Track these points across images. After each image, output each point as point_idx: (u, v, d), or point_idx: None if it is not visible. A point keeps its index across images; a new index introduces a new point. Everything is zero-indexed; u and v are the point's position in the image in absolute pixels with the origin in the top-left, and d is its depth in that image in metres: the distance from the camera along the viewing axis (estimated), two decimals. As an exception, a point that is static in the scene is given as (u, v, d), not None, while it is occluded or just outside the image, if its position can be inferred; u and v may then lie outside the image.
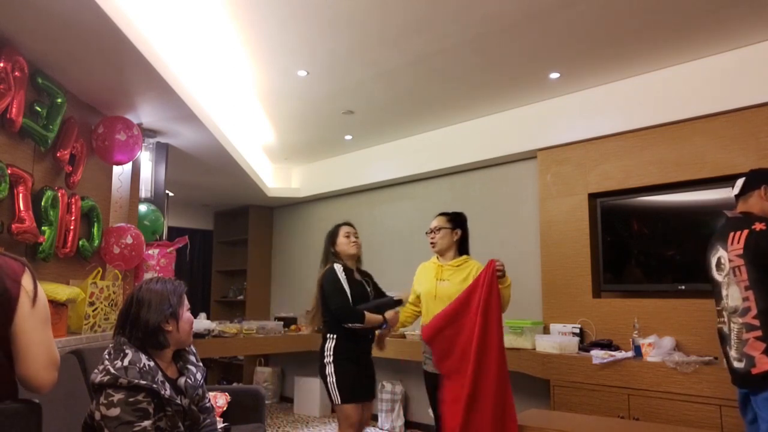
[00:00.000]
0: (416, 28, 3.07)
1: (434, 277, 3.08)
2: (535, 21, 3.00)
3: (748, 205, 2.38)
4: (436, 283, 3.06)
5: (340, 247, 3.09)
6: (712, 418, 2.90)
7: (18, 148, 2.62)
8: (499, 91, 4.05)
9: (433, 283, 3.07)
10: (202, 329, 4.78)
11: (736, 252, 2.24)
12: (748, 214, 2.34)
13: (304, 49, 3.35)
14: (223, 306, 7.32)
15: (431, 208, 3.74)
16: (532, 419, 2.68)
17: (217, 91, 4.02)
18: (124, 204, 3.72)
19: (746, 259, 2.19)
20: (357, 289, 2.99)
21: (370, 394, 3.01)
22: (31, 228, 2.55)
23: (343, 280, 2.94)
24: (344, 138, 5.22)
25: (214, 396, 3.27)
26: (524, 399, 4.18)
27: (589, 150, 3.96)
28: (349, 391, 2.86)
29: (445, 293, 2.98)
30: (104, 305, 3.06)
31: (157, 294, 1.81)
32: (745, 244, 2.20)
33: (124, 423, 1.60)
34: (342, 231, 3.13)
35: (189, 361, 1.92)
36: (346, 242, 3.09)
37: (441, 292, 3.01)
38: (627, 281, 3.74)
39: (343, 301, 2.90)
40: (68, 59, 2.72)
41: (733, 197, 2.48)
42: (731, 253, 2.26)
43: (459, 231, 3.14)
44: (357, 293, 2.97)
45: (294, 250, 6.68)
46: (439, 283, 3.05)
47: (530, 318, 4.12)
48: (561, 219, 4.07)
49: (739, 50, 3.29)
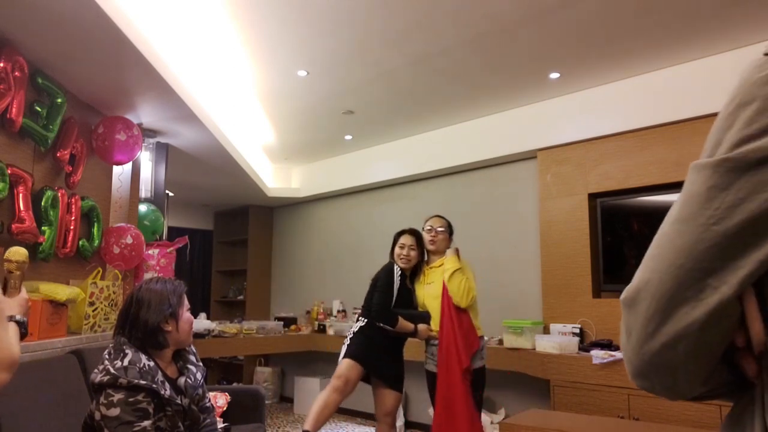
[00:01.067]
0: (416, 28, 3.07)
1: (422, 282, 3.19)
2: (535, 21, 3.00)
3: None
4: (423, 289, 3.16)
5: (395, 255, 3.15)
6: (712, 418, 2.90)
7: (18, 148, 2.62)
8: (499, 91, 4.05)
9: (421, 290, 3.17)
10: (202, 329, 4.78)
11: None
12: None
13: (304, 49, 3.35)
14: (223, 306, 7.32)
15: (431, 208, 3.75)
16: (532, 419, 2.68)
17: (217, 91, 4.02)
18: (124, 204, 3.72)
19: None
20: (405, 296, 3.07)
21: (376, 369, 3.02)
22: (31, 228, 2.55)
23: (396, 282, 3.03)
24: (344, 138, 5.22)
25: (214, 396, 3.27)
26: (524, 399, 4.18)
27: (589, 150, 3.96)
28: (352, 352, 2.97)
29: (432, 294, 3.07)
30: (104, 305, 3.06)
31: (156, 294, 1.81)
32: None
33: (124, 423, 1.60)
34: (399, 240, 3.16)
35: (189, 361, 1.92)
36: (398, 253, 3.14)
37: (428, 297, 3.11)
38: (627, 281, 3.64)
39: (385, 300, 2.98)
40: (68, 59, 2.72)
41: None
42: None
43: (451, 239, 3.20)
44: (403, 300, 3.05)
45: (294, 250, 6.67)
46: (426, 287, 3.14)
47: (530, 318, 4.12)
48: (561, 219, 4.07)
49: (739, 50, 3.30)
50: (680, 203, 0.50)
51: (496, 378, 4.34)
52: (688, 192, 0.49)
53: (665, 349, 0.48)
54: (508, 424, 2.60)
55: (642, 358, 0.50)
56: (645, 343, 0.49)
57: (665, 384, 0.51)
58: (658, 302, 0.48)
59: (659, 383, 0.51)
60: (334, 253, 6.04)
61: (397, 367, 3.11)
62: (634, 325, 0.50)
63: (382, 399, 3.04)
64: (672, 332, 0.47)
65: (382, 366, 3.05)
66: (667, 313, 0.47)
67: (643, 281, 0.50)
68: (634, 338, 0.51)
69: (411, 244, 3.11)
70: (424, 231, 3.19)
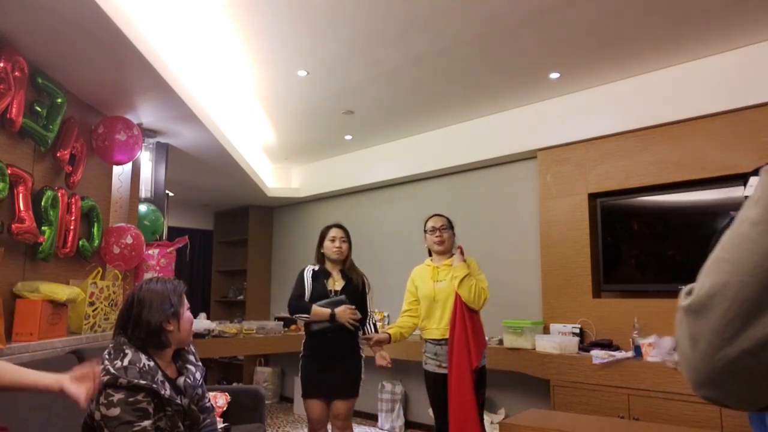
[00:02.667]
0: (416, 28, 3.07)
1: (431, 279, 3.10)
2: (535, 21, 3.00)
3: None
4: (433, 285, 3.08)
5: (326, 249, 3.18)
6: (712, 418, 2.90)
7: (18, 148, 2.62)
8: (499, 91, 4.05)
9: (431, 286, 3.09)
10: (202, 329, 4.78)
11: None
12: None
13: (304, 49, 3.35)
14: (223, 306, 7.32)
15: (431, 208, 3.74)
16: (532, 419, 2.68)
17: (217, 91, 4.02)
18: (124, 204, 3.72)
19: None
20: (321, 293, 3.09)
21: (322, 392, 3.00)
22: (31, 228, 2.54)
23: (306, 279, 3.14)
24: (344, 138, 5.22)
25: (214, 396, 3.27)
26: (524, 399, 4.18)
27: (589, 150, 3.96)
28: (303, 387, 3.06)
29: (443, 294, 3.02)
30: (104, 305, 3.06)
31: (157, 294, 1.81)
32: None
33: (124, 423, 1.60)
34: (329, 234, 3.20)
35: (188, 361, 1.92)
36: (329, 246, 3.17)
37: (439, 293, 3.05)
38: (627, 281, 3.74)
39: (295, 294, 3.11)
40: (68, 59, 2.72)
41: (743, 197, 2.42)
42: None
43: (453, 234, 3.19)
44: (320, 296, 3.08)
45: (294, 250, 6.67)
46: (436, 284, 3.07)
47: (530, 318, 4.12)
48: (561, 219, 4.07)
49: (739, 50, 3.29)
50: (762, 205, 0.48)
51: (497, 378, 4.34)
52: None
53: (746, 355, 0.46)
54: (508, 424, 2.60)
55: (714, 366, 0.48)
56: (719, 350, 0.47)
57: (741, 393, 0.48)
58: (740, 306, 0.46)
59: (734, 392, 0.49)
60: (334, 253, 6.04)
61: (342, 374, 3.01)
62: (704, 332, 0.48)
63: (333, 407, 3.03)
64: (755, 338, 0.45)
65: (327, 383, 3.00)
66: (750, 317, 0.45)
67: (719, 285, 0.48)
68: (703, 345, 0.48)
69: (342, 235, 3.18)
70: (427, 233, 3.16)
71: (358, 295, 3.15)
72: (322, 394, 3.01)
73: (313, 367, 3.04)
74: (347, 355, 3.05)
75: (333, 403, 3.01)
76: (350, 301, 3.06)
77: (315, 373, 3.03)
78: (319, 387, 3.01)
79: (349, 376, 3.03)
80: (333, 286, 3.13)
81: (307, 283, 3.13)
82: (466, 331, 2.87)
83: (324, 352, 3.03)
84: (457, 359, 2.85)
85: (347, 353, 3.05)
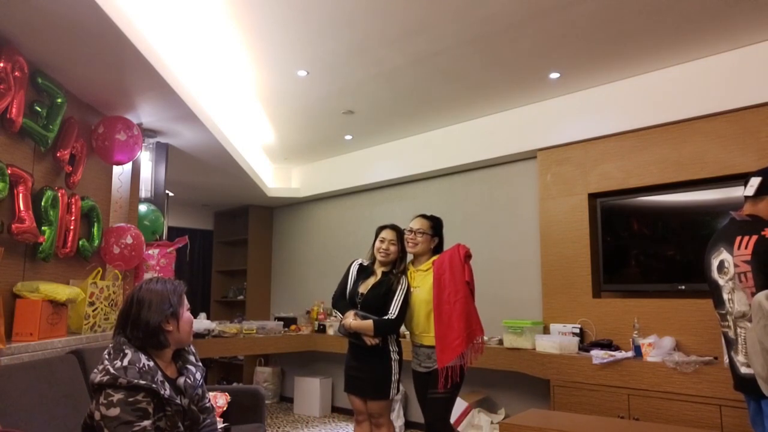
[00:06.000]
0: (416, 28, 3.08)
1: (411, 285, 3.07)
2: (535, 21, 3.00)
3: (758, 208, 2.27)
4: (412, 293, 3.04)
5: (375, 249, 3.14)
6: (712, 418, 2.90)
7: (18, 148, 2.63)
8: (499, 91, 4.05)
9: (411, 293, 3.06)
10: (202, 329, 4.78)
11: (742, 257, 2.16)
12: (756, 218, 2.25)
13: (304, 49, 3.35)
14: (223, 306, 7.32)
15: (431, 208, 3.74)
16: (532, 419, 2.68)
17: (217, 91, 4.02)
18: (124, 204, 3.72)
19: (754, 265, 2.12)
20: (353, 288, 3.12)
21: (354, 388, 3.03)
22: (31, 228, 2.55)
23: (351, 273, 3.16)
24: (344, 138, 5.22)
25: (214, 396, 3.27)
26: (524, 399, 4.19)
27: (589, 150, 3.96)
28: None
29: (419, 300, 3.01)
30: (104, 305, 3.06)
31: (157, 294, 1.81)
32: (754, 251, 2.12)
33: (124, 423, 1.60)
34: (380, 234, 3.15)
35: (188, 361, 1.92)
36: (377, 246, 3.12)
37: (415, 299, 3.03)
38: (627, 281, 3.74)
39: (336, 291, 3.15)
40: (68, 59, 2.72)
41: (743, 197, 2.36)
42: (737, 257, 2.19)
43: (437, 239, 3.14)
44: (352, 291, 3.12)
45: (294, 250, 6.67)
46: (414, 290, 3.04)
47: (530, 318, 4.13)
48: (561, 219, 4.07)
49: (739, 50, 3.29)
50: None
51: (497, 378, 4.34)
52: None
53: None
54: (508, 424, 2.60)
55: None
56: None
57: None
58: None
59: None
60: (334, 253, 6.04)
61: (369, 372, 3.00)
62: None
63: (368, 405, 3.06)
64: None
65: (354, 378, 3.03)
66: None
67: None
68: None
69: (391, 238, 3.11)
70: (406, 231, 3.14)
71: (380, 298, 3.05)
72: (353, 390, 3.06)
73: (348, 363, 3.10)
74: (375, 356, 3.02)
75: (368, 401, 3.04)
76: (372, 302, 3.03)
77: (348, 368, 3.09)
78: (351, 383, 3.07)
79: (376, 376, 3.00)
80: (365, 288, 3.08)
81: (351, 278, 3.15)
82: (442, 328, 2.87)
83: (355, 349, 3.07)
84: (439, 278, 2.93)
85: (374, 354, 3.02)
